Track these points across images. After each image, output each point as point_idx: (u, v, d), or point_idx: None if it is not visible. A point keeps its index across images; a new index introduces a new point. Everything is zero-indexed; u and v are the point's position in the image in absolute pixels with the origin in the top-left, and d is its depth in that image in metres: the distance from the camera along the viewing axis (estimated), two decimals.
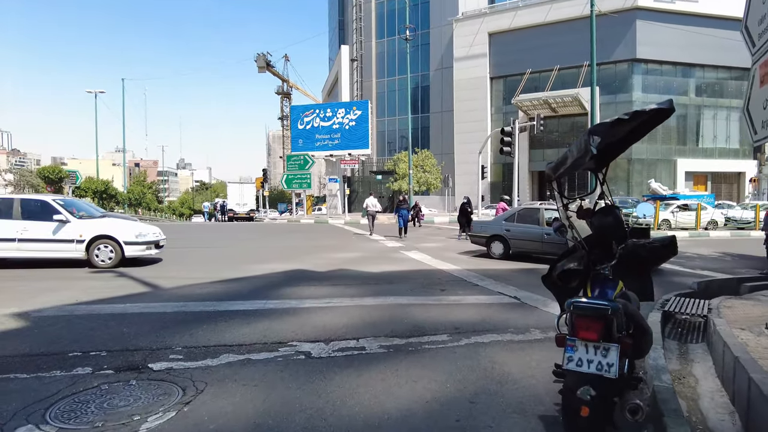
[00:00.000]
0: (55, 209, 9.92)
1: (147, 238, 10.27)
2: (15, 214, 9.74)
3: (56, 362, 4.31)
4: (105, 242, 9.87)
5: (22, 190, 76.92)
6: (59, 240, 9.72)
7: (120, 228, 10.18)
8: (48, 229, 9.69)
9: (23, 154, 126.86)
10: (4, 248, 9.64)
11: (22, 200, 10.12)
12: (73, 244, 9.76)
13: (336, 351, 4.64)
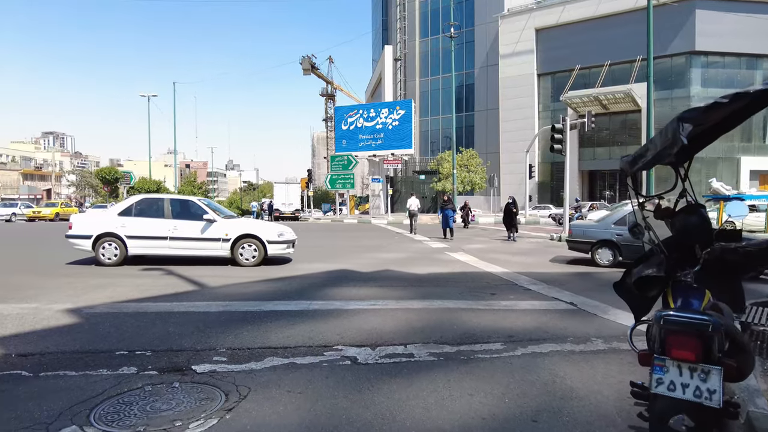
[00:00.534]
0: (203, 209, 10.31)
1: (286, 237, 10.41)
2: (166, 214, 10.12)
3: (103, 361, 4.28)
4: (249, 241, 10.08)
5: (82, 189, 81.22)
6: (207, 239, 10.00)
7: (263, 227, 10.45)
8: (196, 228, 10.01)
9: (84, 157, 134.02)
10: (157, 245, 10.00)
11: (171, 200, 10.50)
12: (219, 243, 10.01)
13: (383, 357, 4.41)
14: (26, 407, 3.36)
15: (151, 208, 10.29)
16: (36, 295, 7.04)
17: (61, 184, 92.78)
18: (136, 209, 10.24)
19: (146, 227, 10.02)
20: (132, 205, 10.33)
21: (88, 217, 10.54)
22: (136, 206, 10.30)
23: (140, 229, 9.99)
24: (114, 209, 10.46)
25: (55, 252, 12.69)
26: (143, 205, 10.37)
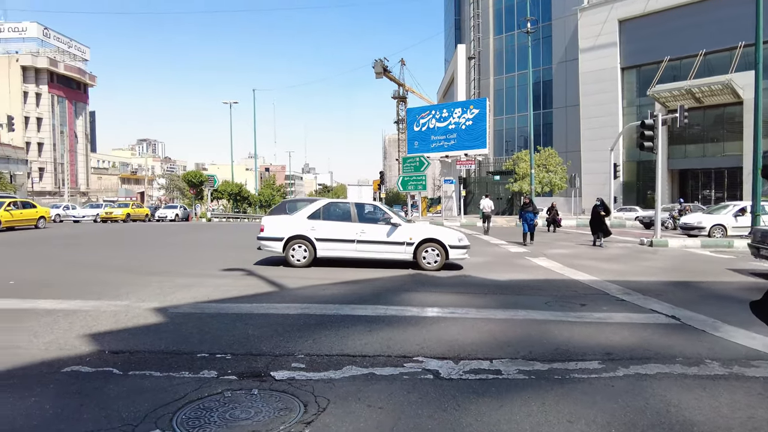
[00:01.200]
0: (388, 213, 10.51)
1: (465, 243, 10.33)
2: (353, 217, 10.36)
3: (186, 363, 4.32)
4: (432, 245, 10.09)
5: (171, 192, 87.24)
6: (391, 242, 10.10)
7: (444, 232, 10.43)
8: (382, 231, 10.13)
9: (173, 161, 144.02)
10: (345, 248, 10.20)
11: (356, 204, 10.80)
12: (403, 247, 10.07)
13: (468, 372, 4.10)
14: (115, 406, 3.41)
15: (338, 212, 10.57)
16: (128, 293, 7.41)
17: (152, 186, 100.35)
18: (324, 213, 10.49)
19: (335, 230, 10.21)
20: (320, 208, 10.56)
21: (278, 221, 10.85)
22: (324, 210, 10.54)
23: (329, 232, 10.20)
24: (302, 213, 10.65)
25: (139, 250, 13.48)
26: (331, 208, 10.67)
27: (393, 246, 10.09)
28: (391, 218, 10.29)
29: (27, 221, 22.77)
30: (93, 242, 17.08)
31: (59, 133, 73.67)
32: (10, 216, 21.54)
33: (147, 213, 37.57)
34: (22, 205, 23.09)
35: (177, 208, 41.93)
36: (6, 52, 71.07)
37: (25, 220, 22.60)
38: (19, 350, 4.69)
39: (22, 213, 22.42)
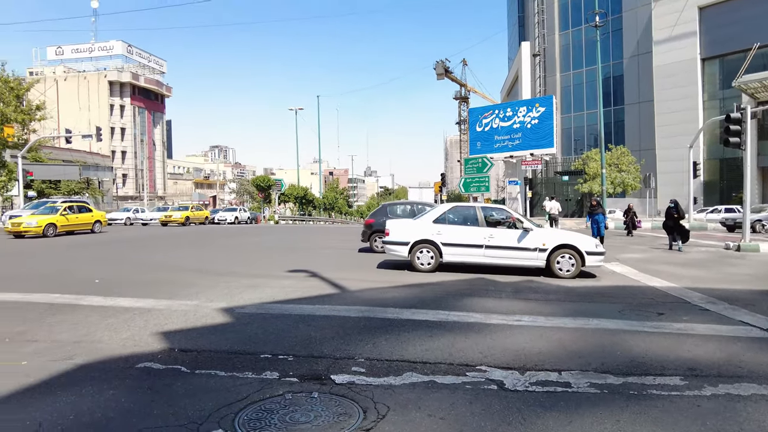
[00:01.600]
0: (518, 217, 10.13)
1: (601, 249, 9.82)
2: (480, 221, 10.00)
3: (249, 363, 4.40)
4: (567, 252, 9.56)
5: (241, 196, 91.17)
6: (522, 248, 9.66)
7: (579, 238, 9.88)
8: (512, 236, 9.73)
9: (243, 167, 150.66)
10: (472, 254, 9.88)
11: (483, 208, 10.47)
12: (535, 253, 9.61)
13: (534, 384, 3.89)
14: (182, 404, 3.52)
15: (464, 216, 10.27)
16: (198, 293, 7.73)
17: (224, 191, 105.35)
18: (450, 217, 10.29)
19: (462, 235, 9.94)
20: (446, 212, 10.37)
21: (403, 225, 10.60)
22: (450, 213, 10.34)
23: (456, 236, 9.95)
24: (428, 217, 10.43)
25: (207, 252, 14.06)
26: (456, 212, 10.40)
27: (524, 252, 9.62)
28: (523, 223, 9.87)
29: (82, 225, 22.99)
30: (161, 244, 18.07)
31: (140, 142, 79.14)
32: (65, 220, 21.83)
33: (207, 215, 37.70)
34: (78, 209, 23.26)
35: (236, 211, 41.97)
36: (96, 69, 77.35)
37: (80, 224, 22.82)
38: (101, 345, 5.00)
39: (77, 217, 22.66)
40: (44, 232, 20.22)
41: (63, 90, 74.39)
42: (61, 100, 72.30)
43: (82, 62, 78.67)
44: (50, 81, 72.11)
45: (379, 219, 13.82)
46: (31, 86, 36.83)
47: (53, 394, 3.73)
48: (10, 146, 34.69)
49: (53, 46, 79.35)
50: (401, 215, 14.22)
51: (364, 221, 14.44)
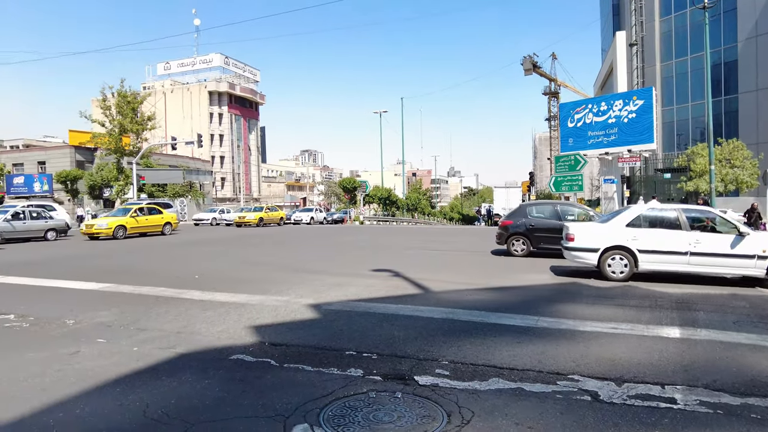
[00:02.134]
0: (728, 221, 9.05)
1: None
2: (682, 225, 8.92)
3: (334, 359, 4.48)
4: None
5: (329, 197, 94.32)
6: (736, 255, 8.55)
7: None
8: (723, 242, 8.60)
9: (331, 169, 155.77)
10: (674, 261, 8.84)
11: (684, 209, 9.42)
12: (753, 260, 8.46)
13: (633, 398, 3.57)
14: (271, 396, 3.65)
15: (663, 219, 9.23)
16: (288, 289, 8.06)
17: (313, 193, 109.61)
18: (646, 220, 9.33)
19: (662, 240, 8.87)
20: (640, 215, 9.42)
21: (591, 229, 9.68)
22: (646, 216, 9.37)
23: (655, 242, 8.92)
24: (619, 220, 9.44)
25: (294, 251, 14.56)
26: (654, 215, 9.40)
27: (738, 260, 8.48)
28: (737, 227, 8.72)
29: (153, 227, 22.97)
30: (249, 244, 19.09)
31: (236, 147, 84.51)
32: (135, 222, 21.96)
33: (282, 216, 36.79)
34: (148, 211, 23.29)
35: (312, 212, 41.76)
36: (198, 81, 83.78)
37: (150, 226, 22.81)
38: (199, 336, 5.35)
39: (147, 219, 22.70)
40: (114, 234, 20.63)
41: (170, 101, 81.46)
42: (168, 111, 79.29)
43: (186, 75, 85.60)
44: (159, 94, 79.32)
45: (518, 220, 13.11)
46: (144, 99, 40.69)
47: (158, 379, 4.04)
48: (126, 153, 38.59)
49: (162, 62, 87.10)
50: (544, 216, 13.08)
51: (500, 222, 13.70)
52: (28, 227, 20.34)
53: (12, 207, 22.00)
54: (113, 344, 5.07)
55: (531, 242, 12.75)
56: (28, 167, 52.80)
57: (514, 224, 13.17)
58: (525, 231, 12.86)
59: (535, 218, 12.93)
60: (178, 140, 44.06)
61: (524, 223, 12.85)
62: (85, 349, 4.90)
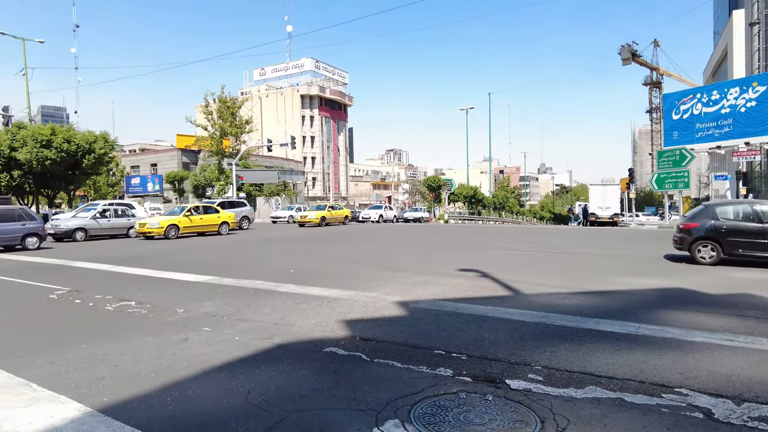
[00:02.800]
0: None
1: None
2: None
3: (423, 357, 4.51)
4: None
5: (413, 196, 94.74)
6: None
7: None
8: None
9: (415, 168, 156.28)
10: None
11: None
12: None
13: (756, 420, 3.22)
14: (362, 390, 3.76)
15: None
16: (376, 286, 8.22)
17: (398, 191, 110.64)
18: None
19: None
20: None
21: None
22: None
23: None
24: None
25: (379, 248, 14.71)
26: None
27: None
28: None
29: (208, 227, 22.24)
30: (330, 241, 19.62)
31: (326, 148, 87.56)
32: (189, 221, 21.34)
33: (347, 215, 34.17)
34: (204, 210, 22.49)
35: (381, 209, 40.30)
36: (290, 85, 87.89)
37: (206, 225, 22.10)
38: (295, 328, 5.63)
39: (202, 218, 21.98)
40: (166, 234, 20.12)
41: (265, 105, 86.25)
42: (263, 114, 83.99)
43: (279, 80, 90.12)
44: (255, 98, 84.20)
45: (704, 222, 11.31)
46: (242, 104, 43.46)
47: (257, 367, 4.31)
48: (226, 155, 41.45)
49: (258, 68, 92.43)
50: (739, 218, 11.10)
51: (681, 225, 11.69)
52: (112, 225, 21.28)
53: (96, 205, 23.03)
54: (217, 333, 5.48)
55: (722, 248, 10.92)
56: (143, 169, 58.50)
57: (700, 227, 11.34)
58: (714, 235, 11.02)
59: (727, 220, 11.01)
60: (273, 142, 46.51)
61: (713, 226, 11.04)
62: (193, 336, 5.35)
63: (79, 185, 34.89)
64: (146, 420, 3.29)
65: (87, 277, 10.11)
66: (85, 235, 20.38)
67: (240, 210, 26.99)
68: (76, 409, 3.49)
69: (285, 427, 3.16)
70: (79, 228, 20.25)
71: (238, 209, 26.87)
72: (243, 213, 27.04)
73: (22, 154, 27.41)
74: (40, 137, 27.75)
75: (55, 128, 29.19)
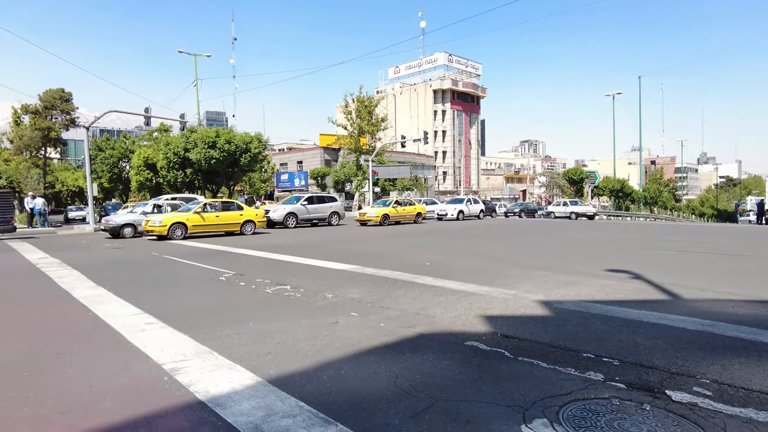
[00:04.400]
0: None
1: None
2: None
3: (570, 359, 4.33)
4: None
5: (551, 190, 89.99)
6: None
7: None
8: None
9: (553, 159, 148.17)
10: None
11: None
12: None
13: None
14: (506, 386, 3.74)
15: None
16: (515, 283, 8.03)
17: (533, 185, 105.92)
18: None
19: None
20: None
21: None
22: None
23: None
24: None
25: (515, 244, 14.21)
26: None
27: None
28: None
29: (226, 226, 19.83)
30: (453, 236, 19.35)
31: (457, 142, 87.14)
32: (200, 220, 18.94)
33: (420, 212, 28.65)
34: (222, 207, 20.35)
35: (462, 203, 32.23)
36: (423, 81, 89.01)
37: (222, 225, 19.73)
38: (435, 319, 5.77)
39: (218, 216, 19.60)
40: (169, 233, 17.90)
41: (399, 102, 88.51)
42: (397, 111, 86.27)
43: (413, 77, 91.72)
44: (390, 96, 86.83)
45: None
46: (378, 103, 45.20)
47: (403, 354, 4.51)
48: (363, 152, 43.48)
49: (392, 67, 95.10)
50: None
51: None
52: None
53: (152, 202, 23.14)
54: (363, 318, 5.84)
55: None
56: (290, 166, 63.87)
57: None
58: None
59: None
60: (407, 138, 47.67)
61: None
62: (342, 321, 5.76)
63: (237, 181, 39.36)
64: (307, 394, 3.66)
65: (245, 262, 11.40)
66: (134, 231, 19.91)
67: (329, 205, 26.12)
68: (249, 377, 4.01)
69: (433, 414, 3.29)
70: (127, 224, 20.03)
71: (328, 204, 26.14)
72: (333, 209, 26.15)
73: (193, 154, 31.75)
74: (207, 139, 31.89)
75: (218, 131, 33.28)
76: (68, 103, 42.34)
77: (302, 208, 24.43)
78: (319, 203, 25.39)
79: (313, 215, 24.98)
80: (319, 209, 25.14)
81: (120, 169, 45.82)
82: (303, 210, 24.48)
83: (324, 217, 25.50)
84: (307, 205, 24.68)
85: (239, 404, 3.48)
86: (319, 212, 25.20)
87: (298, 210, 24.32)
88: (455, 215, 30.63)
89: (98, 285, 8.48)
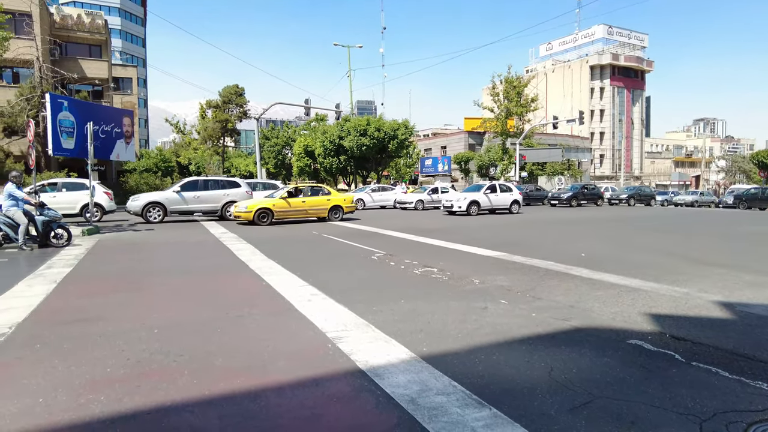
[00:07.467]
0: None
1: None
2: None
3: (761, 372, 3.76)
4: None
5: (733, 175, 77.53)
6: None
7: None
8: None
9: (736, 140, 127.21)
10: None
11: None
12: None
13: None
14: (678, 392, 3.39)
15: None
16: (686, 281, 7.16)
17: (710, 170, 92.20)
18: None
19: None
20: None
21: None
22: None
23: None
24: None
25: (682, 237, 12.57)
26: None
27: None
28: None
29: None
30: (549, 226, 17.49)
31: (617, 122, 79.39)
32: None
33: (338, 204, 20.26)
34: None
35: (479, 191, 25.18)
36: (578, 57, 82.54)
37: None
38: (592, 313, 5.43)
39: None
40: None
41: (550, 81, 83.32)
42: (549, 90, 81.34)
43: (567, 53, 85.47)
44: (541, 75, 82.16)
45: None
46: (528, 82, 43.12)
47: (558, 347, 4.34)
48: (510, 135, 41.97)
49: (544, 44, 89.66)
50: None
51: None
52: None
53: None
54: (513, 306, 5.73)
55: None
56: (434, 151, 64.35)
57: None
58: None
59: None
60: (559, 119, 44.79)
61: None
62: (492, 307, 5.72)
63: (385, 167, 40.95)
64: (459, 375, 3.72)
65: (392, 243, 11.85)
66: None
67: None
68: (403, 352, 4.21)
69: (593, 410, 3.13)
70: None
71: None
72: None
73: (347, 141, 33.82)
74: (359, 127, 33.68)
75: (369, 119, 34.93)
76: (241, 97, 47.94)
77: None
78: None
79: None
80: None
81: (283, 156, 50.74)
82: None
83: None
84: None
85: (396, 377, 3.69)
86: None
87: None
88: (465, 208, 23.22)
89: (268, 258, 9.57)
